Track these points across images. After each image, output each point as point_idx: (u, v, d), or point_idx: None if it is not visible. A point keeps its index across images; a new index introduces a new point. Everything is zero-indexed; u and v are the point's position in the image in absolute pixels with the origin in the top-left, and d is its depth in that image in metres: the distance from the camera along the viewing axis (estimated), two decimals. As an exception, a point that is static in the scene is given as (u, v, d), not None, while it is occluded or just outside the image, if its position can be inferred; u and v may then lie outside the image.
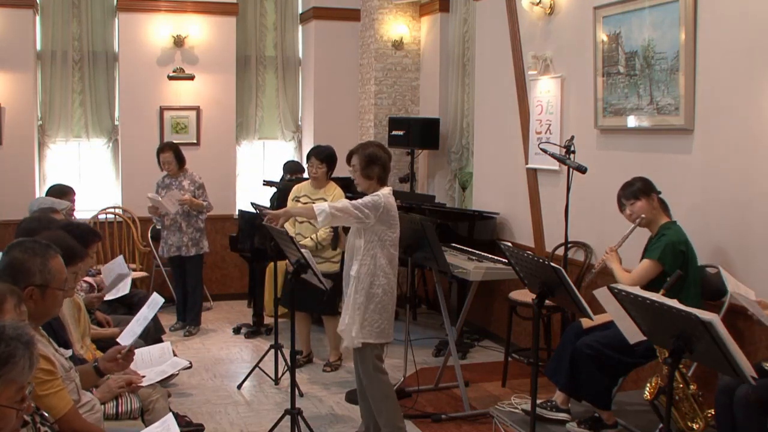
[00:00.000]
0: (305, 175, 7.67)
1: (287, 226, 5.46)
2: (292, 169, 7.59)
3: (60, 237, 3.24)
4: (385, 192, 4.11)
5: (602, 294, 3.37)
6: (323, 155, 5.64)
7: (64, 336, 3.38)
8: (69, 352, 3.15)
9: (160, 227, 6.75)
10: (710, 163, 4.37)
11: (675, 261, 3.97)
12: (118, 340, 3.87)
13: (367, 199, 4.01)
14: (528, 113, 6.11)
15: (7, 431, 2.06)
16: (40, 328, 2.89)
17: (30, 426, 2.32)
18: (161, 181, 6.72)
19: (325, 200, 5.56)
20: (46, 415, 2.53)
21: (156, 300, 4.01)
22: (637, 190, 4.16)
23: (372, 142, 4.31)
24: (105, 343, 4.13)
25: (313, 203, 5.54)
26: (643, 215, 4.14)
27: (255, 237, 6.56)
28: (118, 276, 4.86)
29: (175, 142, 6.99)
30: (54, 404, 2.68)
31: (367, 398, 4.27)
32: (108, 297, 4.90)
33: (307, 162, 5.75)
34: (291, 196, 5.79)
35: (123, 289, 4.94)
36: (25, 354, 2.04)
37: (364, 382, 4.21)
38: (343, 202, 4.05)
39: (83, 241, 3.69)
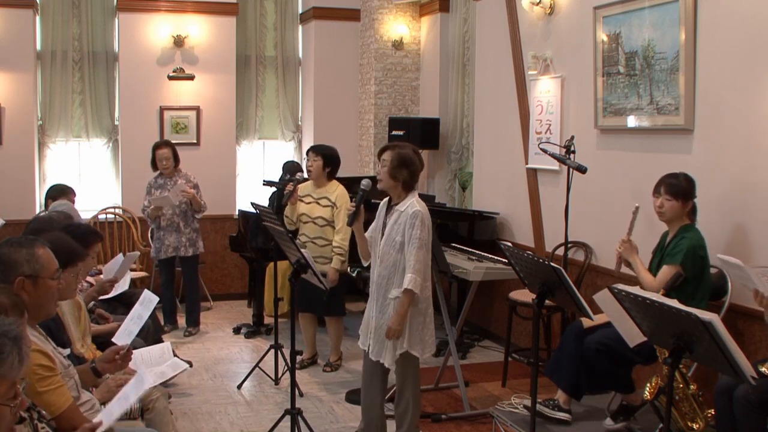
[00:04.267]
0: (304, 175, 7.68)
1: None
2: (291, 170, 7.57)
3: (60, 238, 3.23)
4: (418, 200, 4.05)
5: (601, 297, 3.37)
6: (320, 149, 5.64)
7: (62, 336, 3.37)
8: (67, 351, 3.14)
9: (155, 227, 6.71)
10: (710, 162, 4.37)
11: (695, 265, 3.94)
12: (113, 339, 3.84)
13: (417, 223, 3.93)
14: (528, 113, 6.11)
15: (3, 428, 2.06)
16: (38, 326, 2.88)
17: (27, 423, 2.32)
18: (154, 182, 6.67)
19: (328, 199, 5.56)
20: (44, 412, 2.53)
21: (149, 297, 3.95)
22: (682, 190, 4.05)
23: (409, 144, 4.18)
24: (103, 340, 4.12)
25: (317, 202, 5.57)
26: (669, 215, 4.08)
27: (259, 237, 6.53)
28: (125, 261, 4.80)
29: (172, 141, 6.96)
30: (53, 401, 2.67)
31: (372, 395, 4.23)
32: (108, 295, 4.89)
33: (306, 158, 5.76)
34: None
35: (122, 285, 4.92)
36: (14, 350, 2.03)
37: (404, 383, 4.12)
38: (415, 257, 3.91)
39: (84, 241, 3.68)
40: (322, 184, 5.65)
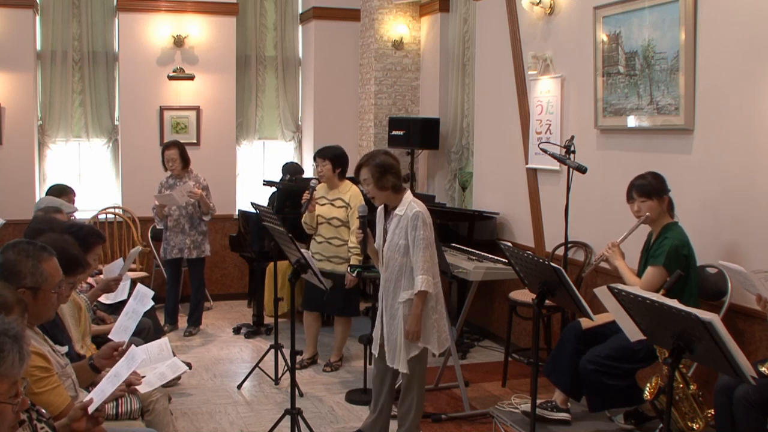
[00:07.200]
0: (304, 175, 7.68)
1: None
2: (291, 171, 7.58)
3: (65, 244, 3.21)
4: (414, 199, 4.07)
5: (603, 292, 3.37)
6: (327, 154, 5.62)
7: (60, 334, 3.37)
8: (65, 349, 3.14)
9: (162, 227, 6.72)
10: (710, 162, 4.37)
11: (678, 265, 3.95)
12: (110, 336, 3.81)
13: (419, 224, 3.95)
14: (528, 113, 6.11)
15: (4, 427, 2.05)
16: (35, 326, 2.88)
17: (26, 423, 2.31)
18: (165, 182, 6.66)
19: (342, 200, 5.56)
20: (43, 411, 2.53)
21: (143, 291, 3.87)
22: (652, 189, 4.10)
23: (378, 150, 4.23)
24: (102, 339, 4.11)
25: (331, 203, 5.57)
26: (648, 214, 4.11)
27: (264, 240, 6.52)
28: (128, 257, 4.77)
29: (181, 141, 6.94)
30: (51, 401, 2.67)
31: (382, 397, 4.24)
32: (107, 301, 4.88)
33: (314, 164, 5.76)
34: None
35: (122, 293, 4.88)
36: (14, 348, 2.03)
37: (410, 383, 4.12)
38: (423, 258, 3.94)
39: (86, 243, 3.67)
40: (335, 186, 5.65)
